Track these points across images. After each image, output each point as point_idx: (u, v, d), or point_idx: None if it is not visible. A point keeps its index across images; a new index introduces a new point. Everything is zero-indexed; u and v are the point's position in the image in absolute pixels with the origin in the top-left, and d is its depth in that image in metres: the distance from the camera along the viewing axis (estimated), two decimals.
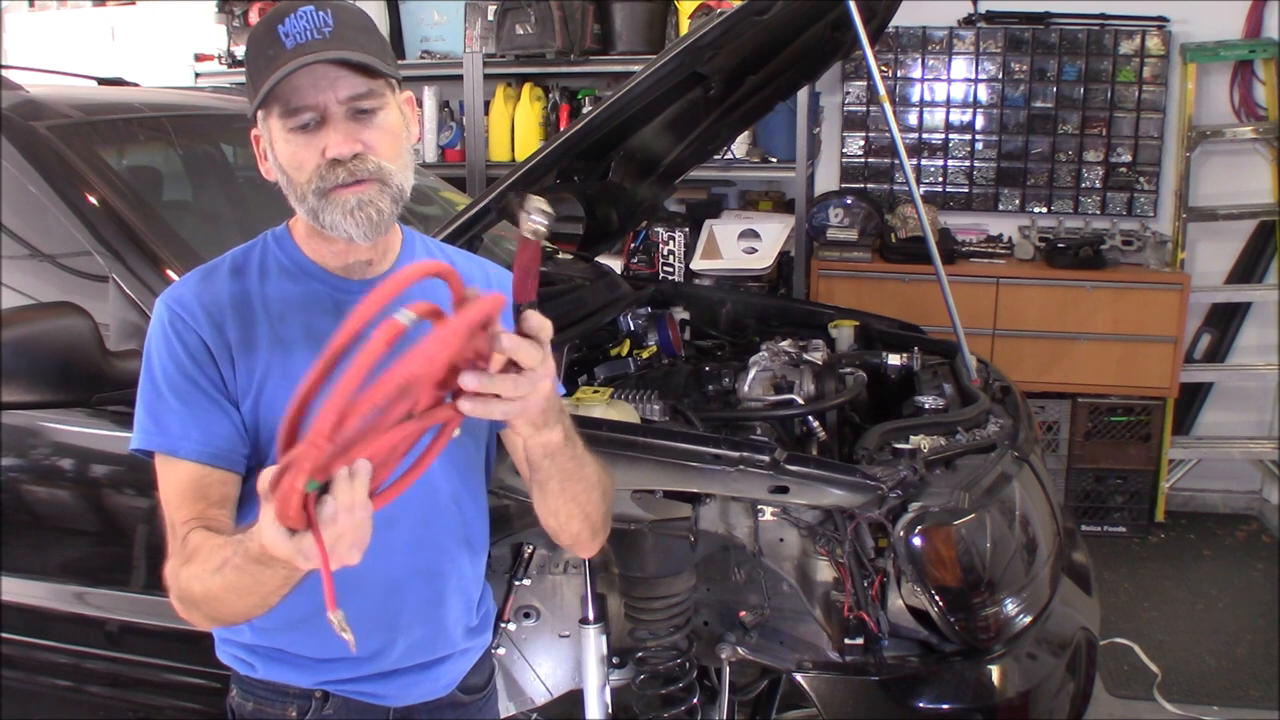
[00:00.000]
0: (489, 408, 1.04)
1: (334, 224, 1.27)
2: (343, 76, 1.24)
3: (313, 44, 1.23)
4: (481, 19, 4.20)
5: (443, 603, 1.43)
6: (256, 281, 1.36)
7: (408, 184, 1.31)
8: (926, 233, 2.42)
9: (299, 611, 1.31)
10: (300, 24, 1.24)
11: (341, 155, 1.25)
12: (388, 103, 1.29)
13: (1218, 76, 4.22)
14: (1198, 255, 4.30)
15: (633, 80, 2.08)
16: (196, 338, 1.31)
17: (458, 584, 1.45)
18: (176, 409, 1.29)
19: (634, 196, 2.90)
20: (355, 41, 1.25)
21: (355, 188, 1.26)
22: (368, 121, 1.26)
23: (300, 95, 1.24)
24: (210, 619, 1.22)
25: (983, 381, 2.38)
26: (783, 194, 4.42)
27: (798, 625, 1.89)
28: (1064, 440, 4.19)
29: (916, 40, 4.36)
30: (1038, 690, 1.90)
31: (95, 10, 5.13)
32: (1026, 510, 2.00)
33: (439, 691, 1.47)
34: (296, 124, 1.25)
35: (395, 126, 1.29)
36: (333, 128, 1.25)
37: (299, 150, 1.26)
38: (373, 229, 1.28)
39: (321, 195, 1.26)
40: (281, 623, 1.34)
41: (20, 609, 2.16)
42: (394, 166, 1.29)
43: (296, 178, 1.28)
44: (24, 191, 2.07)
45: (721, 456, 1.84)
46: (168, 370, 1.30)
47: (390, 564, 1.36)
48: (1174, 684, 3.13)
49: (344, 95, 1.25)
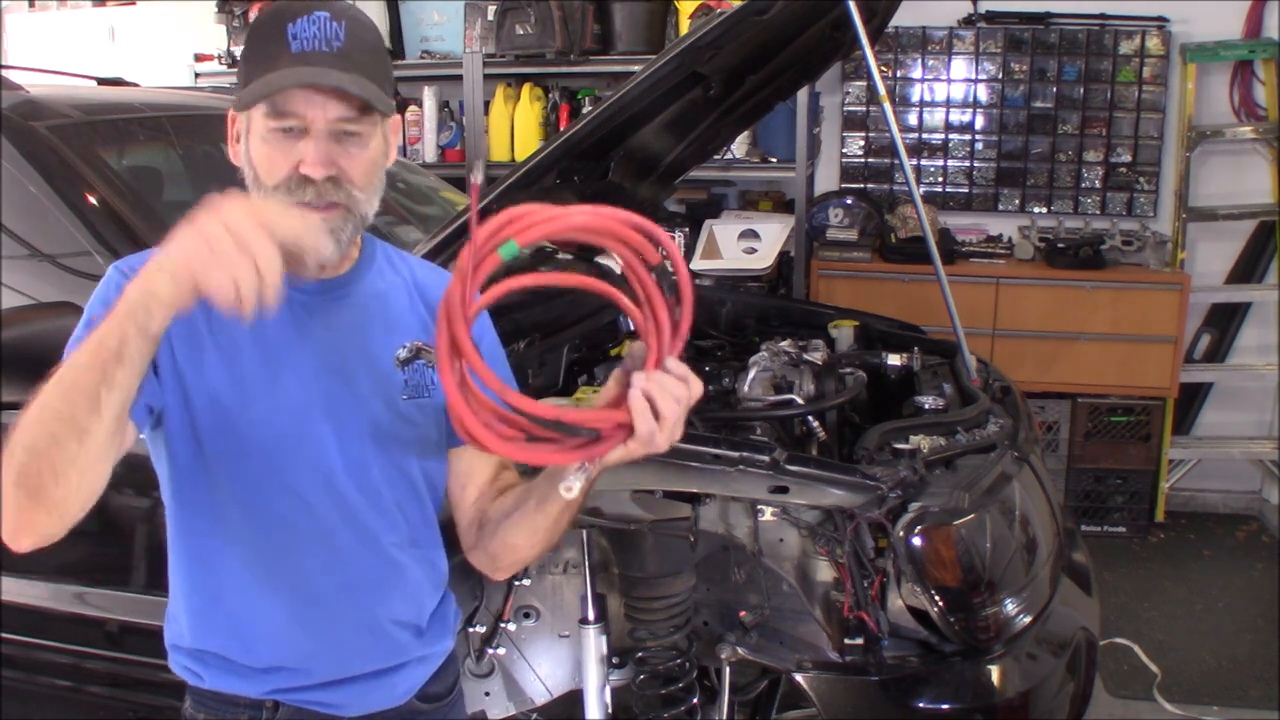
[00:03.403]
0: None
1: None
2: (337, 101, 1.21)
3: (319, 56, 1.20)
4: (481, 19, 4.20)
5: (384, 609, 1.38)
6: None
7: (372, 211, 1.29)
8: (926, 233, 2.42)
9: (236, 616, 1.32)
10: (311, 29, 1.20)
11: (315, 175, 1.21)
12: (374, 132, 1.26)
13: (1218, 76, 4.22)
14: (1198, 255, 4.30)
15: (633, 80, 2.08)
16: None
17: (402, 591, 1.39)
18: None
19: (634, 196, 2.90)
20: (361, 65, 1.22)
21: (320, 212, 1.22)
22: (349, 145, 1.23)
23: (290, 103, 1.20)
24: (27, 492, 1.06)
25: (983, 381, 2.38)
26: (783, 194, 4.42)
27: (798, 625, 1.89)
28: (1064, 440, 4.19)
29: (916, 40, 4.36)
30: (1038, 690, 1.90)
31: (95, 10, 5.14)
32: (1026, 510, 2.00)
33: (396, 700, 1.41)
34: (278, 126, 1.22)
35: (375, 155, 1.27)
36: (313, 144, 1.21)
37: (274, 153, 1.23)
38: (328, 256, 1.25)
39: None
40: (220, 628, 1.33)
41: (20, 609, 2.16)
42: (363, 195, 1.26)
43: (265, 179, 1.24)
44: (24, 191, 2.07)
45: (721, 456, 1.84)
46: (99, 314, 1.15)
47: (316, 570, 1.32)
48: (1174, 684, 3.13)
49: (333, 116, 1.21)
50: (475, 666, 1.96)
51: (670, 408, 1.08)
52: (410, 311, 1.39)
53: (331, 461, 1.31)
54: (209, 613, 1.34)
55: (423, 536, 1.42)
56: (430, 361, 1.34)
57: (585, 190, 2.68)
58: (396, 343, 1.35)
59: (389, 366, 1.34)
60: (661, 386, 1.07)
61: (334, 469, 1.31)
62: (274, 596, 1.32)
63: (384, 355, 1.34)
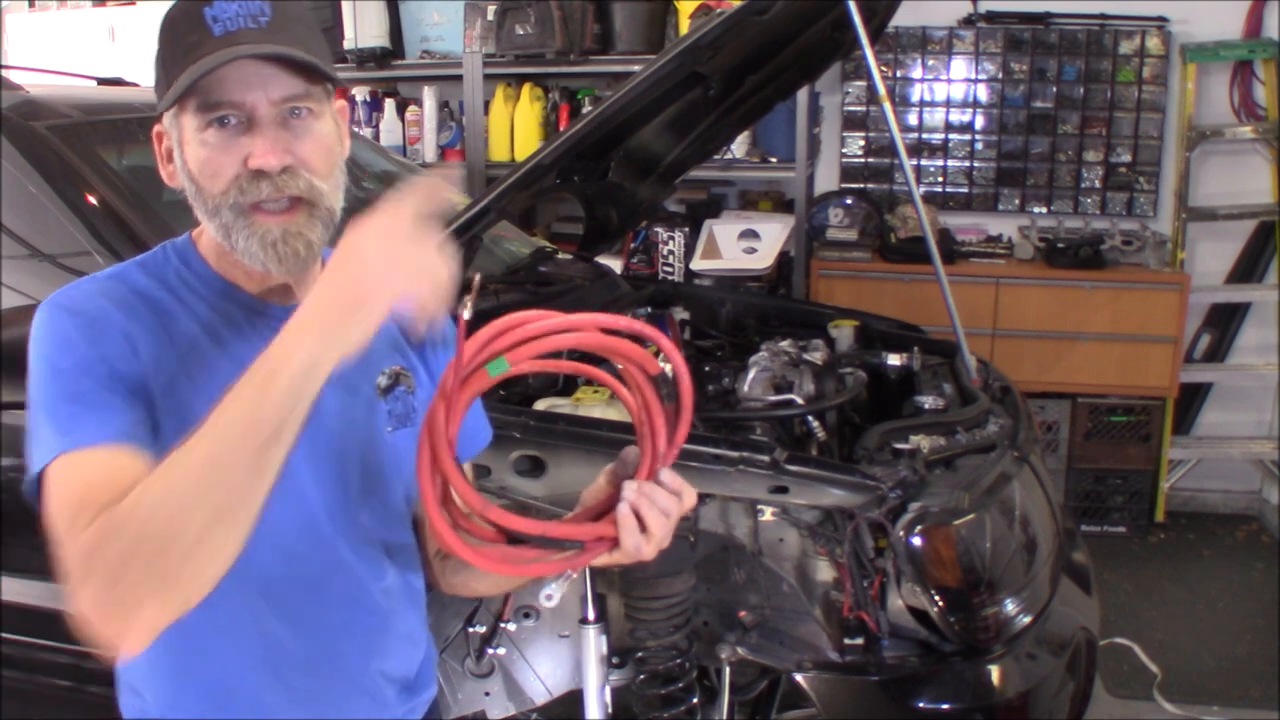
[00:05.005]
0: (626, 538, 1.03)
1: (249, 252, 1.08)
2: (278, 75, 1.06)
3: (245, 33, 1.05)
4: (481, 19, 4.20)
5: (375, 663, 1.25)
6: (167, 289, 1.14)
7: (338, 206, 1.13)
8: (926, 233, 2.42)
9: (215, 682, 1.17)
10: (231, 9, 1.06)
11: (268, 167, 1.06)
12: (324, 111, 1.11)
13: (1217, 76, 4.22)
14: (1198, 255, 4.30)
15: (633, 80, 2.08)
16: (101, 324, 1.06)
17: (393, 639, 1.27)
18: (91, 397, 1.01)
19: (634, 196, 2.90)
20: (294, 36, 1.08)
21: (281, 216, 1.07)
22: (300, 130, 1.08)
23: (225, 90, 1.05)
24: (148, 568, 0.88)
25: (983, 381, 2.38)
26: (782, 194, 4.42)
27: (798, 625, 1.89)
28: (1064, 440, 4.19)
29: (916, 40, 4.36)
30: (1038, 690, 1.90)
31: (95, 10, 5.14)
32: (1026, 510, 2.00)
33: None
34: (213, 117, 1.06)
35: (330, 138, 1.12)
36: (260, 133, 1.06)
37: (215, 155, 1.07)
38: (299, 264, 1.10)
39: (239, 213, 1.07)
40: (195, 696, 1.17)
41: (20, 609, 2.16)
42: (325, 186, 1.10)
43: (209, 187, 1.08)
44: (24, 191, 2.07)
45: (721, 456, 1.84)
46: (68, 364, 1.03)
47: (304, 630, 1.18)
48: (1174, 684, 3.13)
49: (277, 96, 1.06)
50: (475, 666, 1.96)
51: (659, 523, 1.03)
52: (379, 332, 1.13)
53: (314, 510, 1.16)
54: (182, 680, 1.17)
55: (408, 569, 1.30)
56: (410, 387, 1.24)
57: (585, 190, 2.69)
58: (374, 369, 1.21)
59: (370, 396, 1.21)
60: (651, 501, 1.03)
61: (318, 517, 1.17)
62: (257, 660, 1.17)
63: (363, 384, 1.20)
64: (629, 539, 1.03)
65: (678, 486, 1.05)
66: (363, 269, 0.93)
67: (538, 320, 0.98)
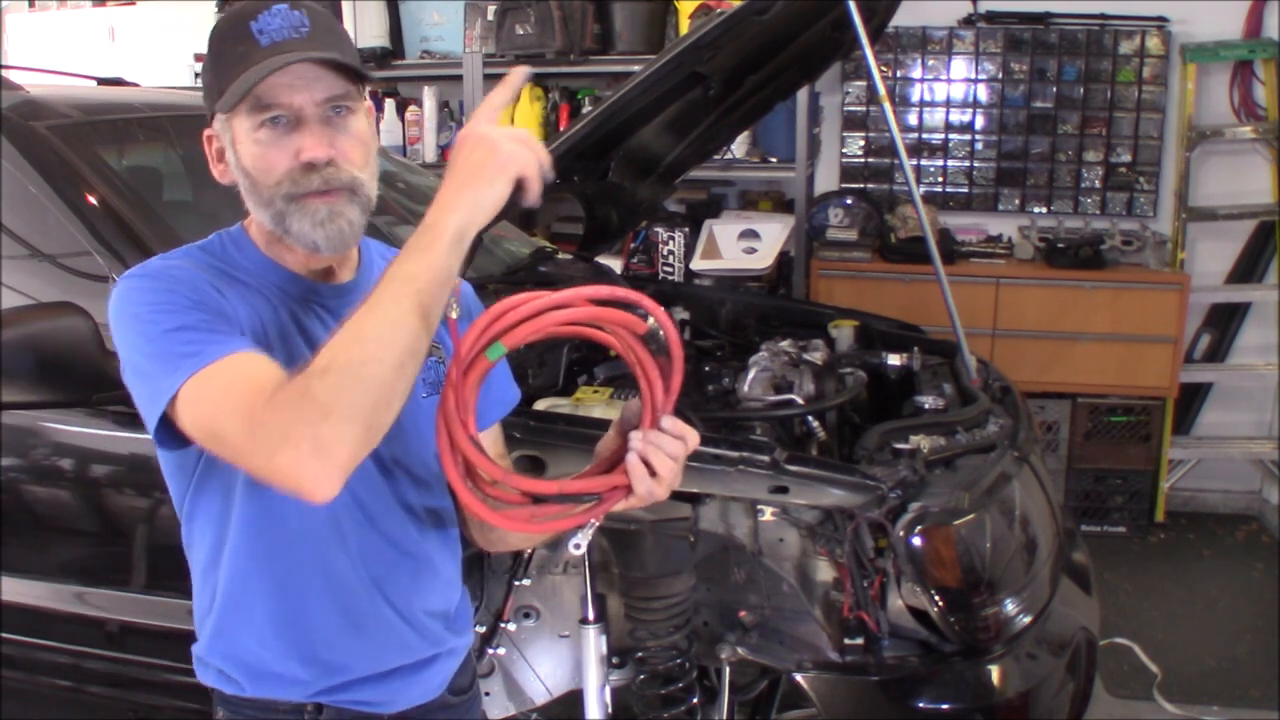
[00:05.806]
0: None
1: (301, 233, 1.23)
2: (321, 77, 1.20)
3: (291, 43, 1.19)
4: (481, 19, 4.20)
5: (419, 601, 1.39)
6: (228, 265, 1.29)
7: (374, 194, 1.28)
8: (926, 233, 2.42)
9: (279, 620, 1.31)
10: (275, 21, 1.19)
11: (317, 159, 1.20)
12: (359, 108, 1.25)
13: (1217, 76, 4.22)
14: (1198, 255, 4.30)
15: (633, 80, 2.08)
16: (188, 277, 1.20)
17: (433, 581, 1.41)
18: (207, 324, 1.14)
19: (634, 196, 2.90)
20: (331, 43, 1.22)
21: (326, 197, 1.21)
22: (341, 126, 1.23)
23: (275, 94, 1.19)
24: (353, 403, 1.03)
25: (983, 381, 2.38)
26: (782, 194, 4.42)
27: (798, 625, 1.89)
28: (1064, 440, 4.19)
29: (916, 40, 4.36)
30: (1038, 690, 1.90)
31: (95, 10, 5.14)
32: (1026, 510, 2.00)
33: (431, 693, 1.42)
34: (267, 118, 1.20)
35: (366, 134, 1.26)
36: (307, 130, 1.20)
37: (269, 151, 1.21)
38: (342, 242, 1.24)
39: (291, 200, 1.21)
40: (262, 633, 1.32)
41: (20, 609, 2.17)
42: (364, 176, 1.25)
43: (263, 181, 1.22)
44: (24, 191, 2.07)
45: (721, 456, 1.84)
46: (169, 308, 1.15)
47: (352, 568, 1.32)
48: (1174, 684, 3.13)
49: (321, 97, 1.20)
50: (475, 666, 1.96)
51: (667, 466, 1.15)
52: None
53: (363, 464, 1.28)
54: (248, 621, 1.32)
55: (446, 522, 1.43)
56: (440, 357, 1.35)
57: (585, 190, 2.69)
58: None
59: None
60: (657, 447, 1.15)
61: (365, 470, 1.28)
62: (315, 598, 1.31)
63: None
64: (641, 485, 1.15)
65: (680, 431, 1.16)
66: (492, 148, 1.11)
67: (529, 302, 1.08)
